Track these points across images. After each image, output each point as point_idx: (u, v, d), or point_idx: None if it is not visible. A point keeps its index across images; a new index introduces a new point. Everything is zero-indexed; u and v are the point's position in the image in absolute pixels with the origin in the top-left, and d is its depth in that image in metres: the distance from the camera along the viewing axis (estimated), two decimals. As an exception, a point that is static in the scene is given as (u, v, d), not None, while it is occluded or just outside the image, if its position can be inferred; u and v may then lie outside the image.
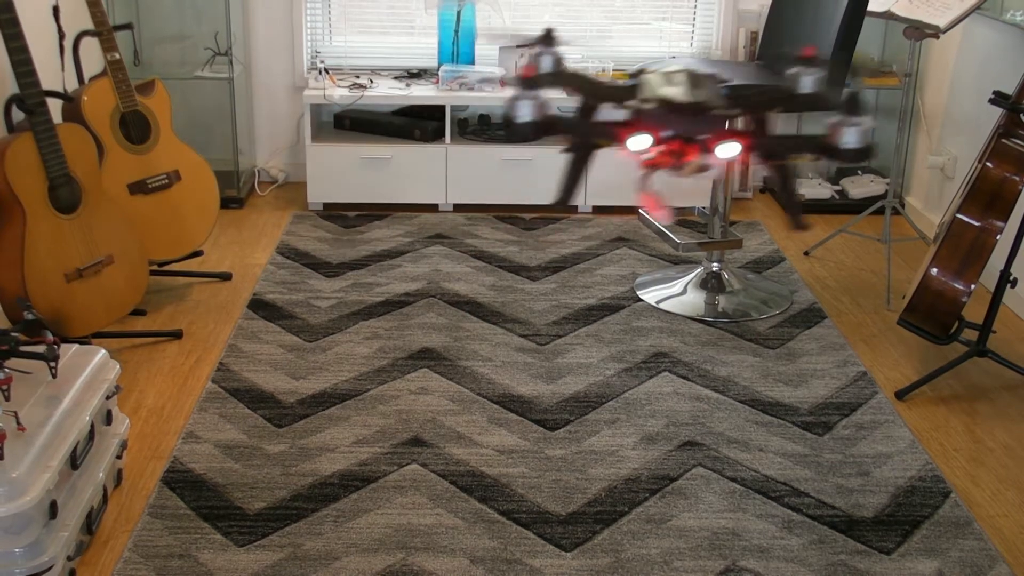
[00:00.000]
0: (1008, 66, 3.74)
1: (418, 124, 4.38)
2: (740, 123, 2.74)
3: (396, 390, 2.96)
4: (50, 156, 2.86)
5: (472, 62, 4.53)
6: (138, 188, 3.36)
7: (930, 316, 2.98)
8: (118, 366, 2.52)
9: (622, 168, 4.41)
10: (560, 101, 4.42)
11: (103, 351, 2.50)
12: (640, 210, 3.80)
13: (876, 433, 2.80)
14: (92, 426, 2.34)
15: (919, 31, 3.59)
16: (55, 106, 3.03)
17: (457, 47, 4.50)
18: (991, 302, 3.00)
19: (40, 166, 2.85)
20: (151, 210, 3.40)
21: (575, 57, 4.61)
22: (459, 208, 4.47)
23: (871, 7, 3.72)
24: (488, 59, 4.59)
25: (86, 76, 3.41)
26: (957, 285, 2.91)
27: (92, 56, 3.69)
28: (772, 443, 2.73)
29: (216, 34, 4.43)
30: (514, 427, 2.78)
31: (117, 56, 3.27)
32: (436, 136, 4.38)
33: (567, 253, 4.01)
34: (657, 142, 2.53)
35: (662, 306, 3.54)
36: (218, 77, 4.36)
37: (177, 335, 3.28)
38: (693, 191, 4.43)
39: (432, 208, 4.46)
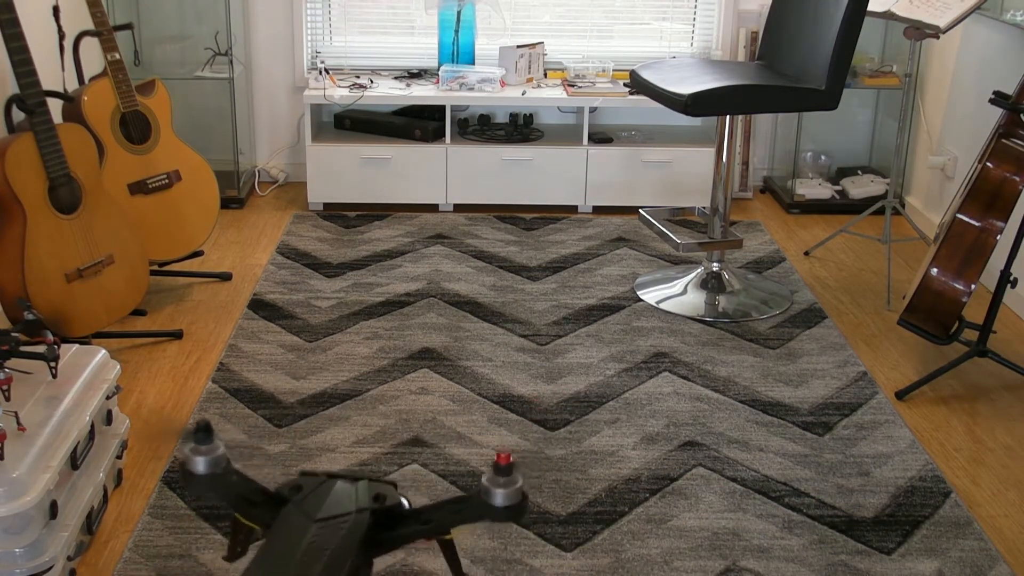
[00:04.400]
0: (1008, 66, 3.74)
1: (418, 124, 4.38)
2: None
3: (396, 390, 2.96)
4: (50, 156, 2.86)
5: (472, 62, 4.53)
6: (138, 188, 3.36)
7: (930, 316, 2.98)
8: (118, 366, 2.52)
9: (622, 168, 4.41)
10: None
11: (103, 351, 2.50)
12: (641, 210, 3.79)
13: (876, 433, 2.80)
14: (92, 426, 2.34)
15: (919, 31, 3.59)
16: (55, 106, 3.03)
17: (457, 47, 4.50)
18: (991, 302, 3.00)
19: (40, 166, 2.85)
20: (151, 210, 3.41)
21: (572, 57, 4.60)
22: (459, 208, 4.47)
23: (871, 7, 3.72)
24: (488, 59, 4.59)
25: (86, 76, 3.41)
26: (957, 285, 2.91)
27: (92, 56, 3.69)
28: (772, 443, 2.73)
29: (216, 34, 4.43)
30: (514, 427, 2.78)
31: (117, 56, 3.27)
32: (436, 136, 4.38)
33: (567, 253, 4.01)
34: None
35: (662, 306, 3.54)
36: (218, 77, 4.36)
37: (177, 335, 3.28)
38: (692, 191, 4.43)
39: (432, 208, 4.46)
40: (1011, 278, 2.99)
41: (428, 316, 3.43)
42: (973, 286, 2.90)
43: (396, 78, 4.56)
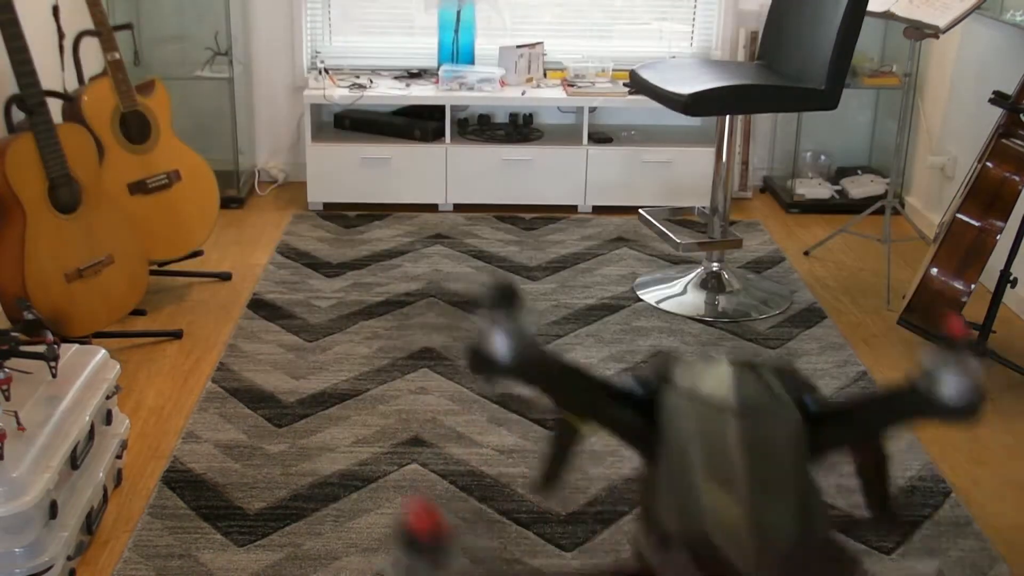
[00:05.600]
0: (1008, 66, 3.74)
1: (418, 124, 4.38)
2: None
3: (396, 390, 2.96)
4: (50, 156, 2.86)
5: (472, 62, 4.53)
6: (138, 188, 3.36)
7: (930, 316, 2.98)
8: (118, 366, 2.52)
9: (621, 167, 4.41)
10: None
11: (103, 351, 2.50)
12: (640, 210, 3.79)
13: (876, 433, 2.79)
14: (92, 426, 2.34)
15: (919, 31, 3.59)
16: (55, 106, 3.03)
17: (457, 47, 4.50)
18: (991, 302, 3.00)
19: (40, 166, 2.85)
20: (151, 210, 3.41)
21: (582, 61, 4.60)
22: (459, 208, 4.47)
23: (871, 7, 3.72)
24: (488, 59, 4.59)
25: (86, 76, 3.41)
26: (957, 285, 2.92)
27: (92, 56, 3.69)
28: (772, 443, 2.73)
29: (216, 34, 4.43)
30: (514, 427, 2.78)
31: (117, 56, 3.27)
32: (436, 136, 4.38)
33: (567, 253, 4.01)
34: None
35: (662, 306, 3.54)
36: (218, 77, 4.36)
37: (177, 335, 3.28)
38: (692, 191, 4.43)
39: (432, 208, 4.46)
40: (1011, 278, 2.99)
41: (428, 316, 3.43)
42: (973, 286, 2.90)
43: (396, 78, 4.56)
